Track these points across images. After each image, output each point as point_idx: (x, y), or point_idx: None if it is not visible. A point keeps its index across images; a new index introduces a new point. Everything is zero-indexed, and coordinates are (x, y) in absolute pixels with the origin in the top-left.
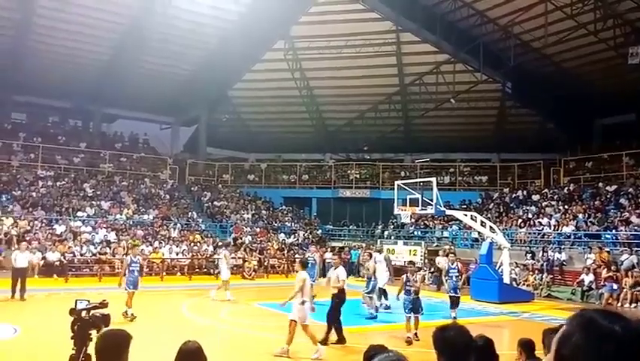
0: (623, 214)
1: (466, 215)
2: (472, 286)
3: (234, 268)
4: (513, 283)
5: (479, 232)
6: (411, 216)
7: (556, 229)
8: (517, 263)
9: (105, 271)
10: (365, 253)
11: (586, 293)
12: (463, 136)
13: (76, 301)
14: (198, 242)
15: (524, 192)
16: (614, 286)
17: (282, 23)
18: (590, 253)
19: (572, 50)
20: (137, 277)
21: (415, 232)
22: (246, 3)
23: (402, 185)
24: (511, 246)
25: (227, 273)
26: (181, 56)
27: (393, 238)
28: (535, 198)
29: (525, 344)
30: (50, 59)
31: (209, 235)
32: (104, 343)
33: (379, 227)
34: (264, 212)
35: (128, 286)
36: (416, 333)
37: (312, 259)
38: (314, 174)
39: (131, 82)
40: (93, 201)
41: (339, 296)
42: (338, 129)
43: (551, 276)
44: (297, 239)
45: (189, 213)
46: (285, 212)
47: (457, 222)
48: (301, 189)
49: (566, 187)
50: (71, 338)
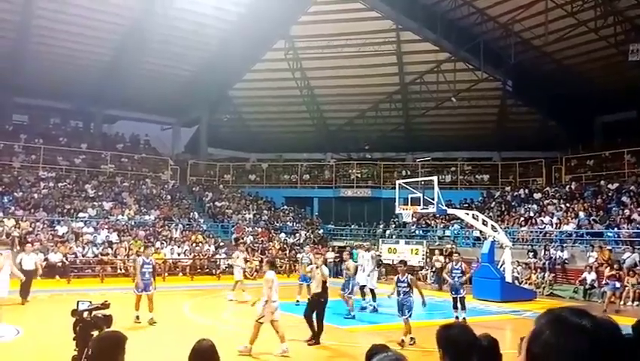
0: (625, 212)
1: (467, 214)
2: (474, 285)
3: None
4: (515, 281)
5: (481, 231)
6: (412, 215)
7: (558, 227)
8: (519, 262)
9: (107, 272)
10: (345, 253)
11: (588, 292)
12: (464, 135)
13: (78, 302)
14: (200, 242)
15: (526, 191)
16: (617, 284)
17: (282, 23)
18: (592, 252)
19: (572, 48)
20: (149, 279)
21: (417, 231)
22: (246, 3)
23: (403, 184)
24: (512, 244)
25: (240, 274)
26: (182, 57)
27: (394, 237)
28: (536, 196)
29: None
30: (51, 61)
31: (211, 236)
32: (99, 345)
33: (381, 226)
34: (265, 212)
35: (137, 289)
36: (412, 337)
37: (308, 259)
38: (315, 174)
39: (132, 83)
40: (95, 202)
41: (324, 296)
42: (339, 129)
43: (553, 274)
44: (299, 239)
45: (191, 214)
46: (286, 212)
47: (459, 221)
48: (302, 188)
49: (567, 185)
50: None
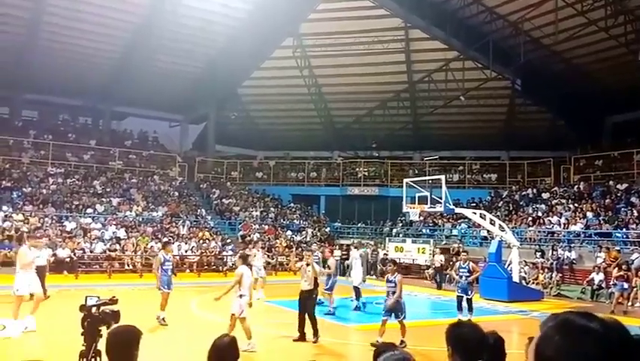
0: (634, 213)
1: (475, 213)
2: (481, 285)
3: None
4: (522, 281)
5: (488, 231)
6: (420, 214)
7: (566, 228)
8: (526, 262)
9: (115, 267)
10: (326, 250)
11: (596, 292)
12: (473, 134)
13: (86, 297)
14: (207, 239)
15: (534, 190)
16: (625, 285)
17: (290, 21)
18: (600, 252)
19: (582, 47)
20: (171, 276)
21: (424, 230)
22: (255, 1)
23: (411, 183)
24: (520, 244)
25: (258, 272)
26: (190, 54)
27: (401, 235)
28: (544, 196)
29: None
30: (61, 57)
31: (218, 232)
32: (115, 339)
33: (388, 225)
34: (272, 209)
35: (163, 286)
36: (402, 340)
37: (317, 258)
38: (322, 172)
39: (140, 80)
40: (103, 198)
41: (315, 292)
42: (346, 127)
43: (561, 275)
44: (306, 237)
45: (198, 211)
46: (293, 209)
47: (466, 220)
48: (309, 186)
49: (576, 185)
50: (81, 334)
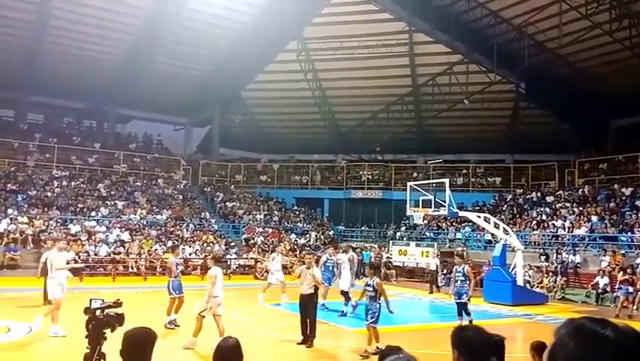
0: (639, 216)
1: (479, 217)
2: (485, 289)
3: (245, 269)
4: (527, 285)
5: (492, 234)
6: (423, 217)
7: (571, 231)
8: (530, 265)
9: (119, 270)
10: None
11: (600, 296)
12: (477, 137)
13: (90, 300)
14: (211, 242)
15: (538, 194)
16: (630, 289)
17: (295, 24)
18: (604, 256)
19: (586, 50)
20: (180, 279)
21: (428, 234)
22: (260, 4)
23: (414, 186)
24: (524, 248)
25: (274, 277)
26: (195, 58)
27: (405, 239)
28: (549, 199)
29: (538, 348)
30: (66, 61)
31: (222, 236)
32: (130, 341)
33: (391, 228)
34: (276, 213)
35: (175, 291)
36: (377, 346)
37: (332, 262)
38: (326, 175)
39: (145, 83)
40: (107, 201)
41: (316, 296)
42: (350, 130)
43: (565, 278)
44: (309, 240)
45: (202, 214)
46: (297, 213)
47: (470, 223)
48: (313, 189)
49: (580, 189)
50: (86, 337)
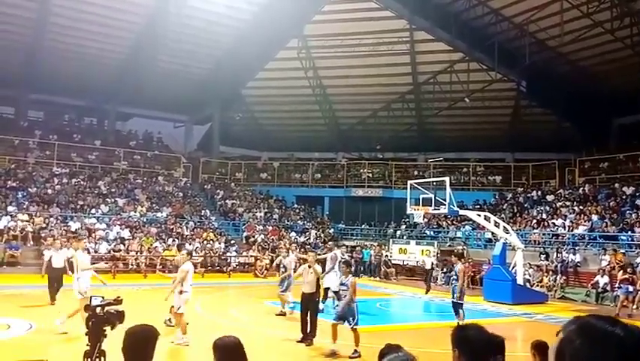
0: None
1: (479, 215)
2: (485, 287)
3: (245, 267)
4: (527, 284)
5: (493, 233)
6: (424, 215)
7: (571, 230)
8: (530, 264)
9: (119, 268)
10: (282, 249)
11: (600, 295)
12: (477, 135)
13: (90, 297)
14: (211, 240)
15: (539, 193)
16: (630, 288)
17: (295, 22)
18: (604, 255)
19: (588, 49)
20: None
21: (428, 232)
22: (260, 2)
23: (415, 184)
24: (524, 247)
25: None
26: (195, 55)
27: (405, 237)
28: (549, 198)
29: (538, 347)
30: (67, 58)
31: (222, 233)
32: (132, 338)
33: (392, 227)
34: (276, 211)
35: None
36: (355, 349)
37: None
38: (326, 173)
39: (145, 81)
40: (108, 199)
41: (317, 295)
42: (351, 128)
43: (565, 277)
44: (309, 238)
45: (202, 211)
46: (297, 211)
47: (471, 222)
48: (314, 187)
49: (581, 188)
50: (86, 334)
